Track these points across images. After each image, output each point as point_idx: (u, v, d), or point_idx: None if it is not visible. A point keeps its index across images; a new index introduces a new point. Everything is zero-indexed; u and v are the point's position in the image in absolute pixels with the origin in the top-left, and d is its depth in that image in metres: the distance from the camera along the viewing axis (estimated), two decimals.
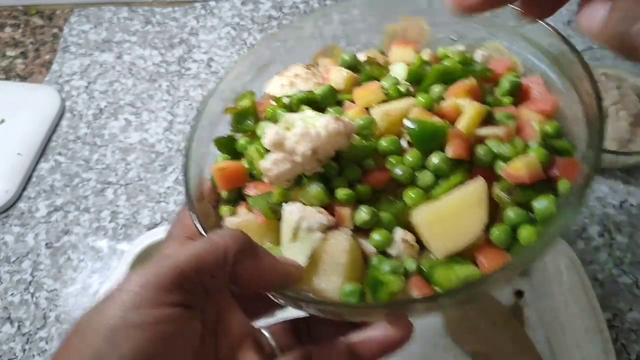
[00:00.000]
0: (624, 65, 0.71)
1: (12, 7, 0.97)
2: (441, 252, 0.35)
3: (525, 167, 0.36)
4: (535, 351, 0.55)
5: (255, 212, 0.39)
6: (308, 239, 0.37)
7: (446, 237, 0.35)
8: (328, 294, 0.35)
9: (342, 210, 0.38)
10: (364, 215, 0.37)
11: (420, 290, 0.34)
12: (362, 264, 0.37)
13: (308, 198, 0.38)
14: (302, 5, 0.89)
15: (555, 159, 0.37)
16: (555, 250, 0.57)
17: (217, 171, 0.42)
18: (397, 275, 0.35)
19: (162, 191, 0.72)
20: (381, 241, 0.36)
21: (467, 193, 0.36)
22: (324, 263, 0.36)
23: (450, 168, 0.38)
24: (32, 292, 0.65)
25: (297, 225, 0.37)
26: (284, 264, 0.35)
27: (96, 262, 0.67)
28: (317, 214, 0.37)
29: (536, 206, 0.35)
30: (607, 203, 0.66)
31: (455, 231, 0.35)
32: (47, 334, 0.62)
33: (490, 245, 0.36)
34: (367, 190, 0.38)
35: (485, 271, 0.34)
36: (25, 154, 0.75)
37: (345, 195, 0.37)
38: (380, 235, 0.37)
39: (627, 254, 0.62)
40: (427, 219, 0.36)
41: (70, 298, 0.64)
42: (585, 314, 0.53)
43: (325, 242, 0.36)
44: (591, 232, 0.64)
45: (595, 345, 0.51)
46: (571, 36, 0.81)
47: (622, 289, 0.60)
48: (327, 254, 0.36)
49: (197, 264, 0.30)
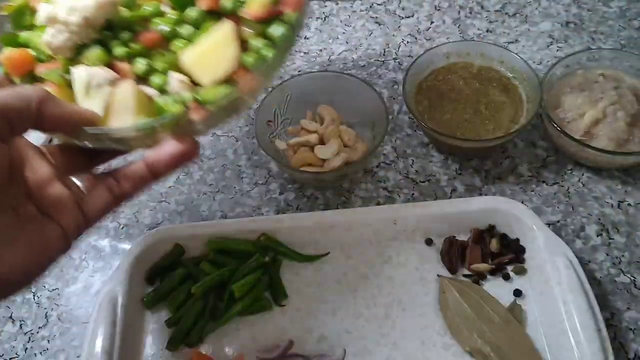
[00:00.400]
0: (622, 66, 0.71)
1: None
2: (208, 81, 0.45)
3: (260, 6, 0.47)
4: (534, 350, 0.55)
5: (49, 84, 0.46)
6: (99, 94, 0.45)
7: (210, 69, 0.45)
8: None
9: (122, 65, 0.46)
10: (140, 65, 0.46)
11: (196, 112, 0.43)
12: (148, 104, 0.46)
13: (91, 60, 0.46)
14: None
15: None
16: (553, 249, 0.57)
17: (5, 60, 0.48)
18: (177, 103, 0.44)
19: (164, 191, 0.72)
20: (160, 83, 0.46)
21: (219, 33, 0.46)
22: (116, 109, 0.45)
23: (204, 18, 0.48)
24: (33, 291, 0.65)
25: (88, 85, 0.45)
26: (83, 109, 0.43)
27: (98, 261, 0.67)
28: (102, 71, 0.45)
29: (274, 32, 0.47)
30: (605, 203, 0.66)
31: (215, 63, 0.46)
32: (48, 332, 0.62)
33: (244, 69, 0.46)
34: (140, 48, 0.47)
35: (244, 87, 0.45)
36: None
37: (122, 52, 0.46)
38: (159, 78, 0.46)
39: (625, 254, 0.62)
40: (192, 59, 0.46)
41: (72, 297, 0.65)
42: (584, 313, 0.53)
43: (113, 93, 0.45)
44: (589, 231, 0.64)
45: (594, 344, 0.52)
46: (569, 37, 0.82)
47: (620, 288, 0.60)
48: (117, 101, 0.45)
49: (3, 104, 0.37)
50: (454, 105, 0.71)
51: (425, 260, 0.62)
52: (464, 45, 0.74)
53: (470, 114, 0.70)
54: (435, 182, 0.70)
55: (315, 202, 0.69)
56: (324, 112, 0.71)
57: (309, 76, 0.73)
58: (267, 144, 0.68)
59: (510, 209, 0.61)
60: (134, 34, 0.48)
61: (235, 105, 0.46)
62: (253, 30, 0.48)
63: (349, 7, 0.89)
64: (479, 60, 0.74)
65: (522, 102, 0.70)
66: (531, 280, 0.60)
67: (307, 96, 0.72)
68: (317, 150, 0.68)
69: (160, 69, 0.47)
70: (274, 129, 0.71)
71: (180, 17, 0.48)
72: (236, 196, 0.71)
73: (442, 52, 0.74)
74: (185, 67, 0.46)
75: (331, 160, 0.67)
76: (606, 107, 0.67)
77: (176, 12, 0.48)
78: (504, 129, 0.68)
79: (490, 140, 0.66)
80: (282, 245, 0.63)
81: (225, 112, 0.46)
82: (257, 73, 0.46)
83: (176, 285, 0.61)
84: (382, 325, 0.59)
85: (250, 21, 0.48)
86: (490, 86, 0.72)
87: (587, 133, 0.66)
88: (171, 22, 0.48)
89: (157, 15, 0.48)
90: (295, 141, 0.70)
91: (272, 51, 0.46)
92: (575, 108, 0.68)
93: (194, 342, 0.58)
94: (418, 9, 0.88)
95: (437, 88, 0.72)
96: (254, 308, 0.60)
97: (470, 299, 0.58)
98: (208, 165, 0.74)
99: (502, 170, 0.70)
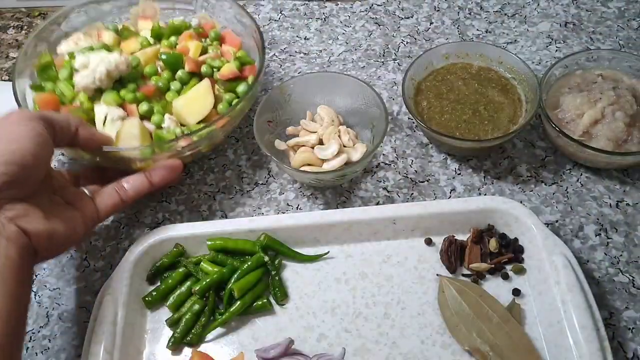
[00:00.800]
0: (620, 67, 0.72)
1: (15, 9, 0.98)
2: (192, 120, 0.67)
3: (229, 71, 0.70)
4: (533, 349, 0.55)
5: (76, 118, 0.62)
6: (113, 125, 0.66)
7: (193, 113, 0.68)
8: None
9: (130, 107, 0.67)
10: (144, 107, 0.67)
11: (184, 140, 0.64)
12: (148, 135, 0.66)
13: (108, 101, 0.67)
14: (303, 8, 0.90)
15: (245, 67, 0.72)
16: (552, 249, 0.58)
17: (39, 101, 0.68)
18: (170, 134, 0.66)
19: (164, 191, 0.72)
20: (158, 121, 0.67)
21: (200, 88, 0.69)
22: (125, 137, 0.64)
23: (189, 78, 0.71)
24: (35, 291, 0.65)
25: (105, 118, 0.66)
26: (104, 134, 0.64)
27: (98, 261, 0.67)
28: (116, 109, 0.67)
29: (239, 89, 0.71)
30: (603, 202, 0.66)
31: (197, 109, 0.68)
32: (49, 332, 0.62)
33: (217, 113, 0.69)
34: (143, 96, 0.68)
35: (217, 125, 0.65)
36: None
37: (131, 97, 0.67)
38: (157, 117, 0.67)
39: (623, 253, 0.63)
40: (181, 105, 0.68)
41: (73, 296, 0.65)
42: (582, 313, 0.53)
43: (123, 125, 0.65)
44: (588, 231, 0.64)
45: (592, 344, 0.52)
46: (568, 37, 0.82)
47: (618, 288, 0.60)
48: (126, 132, 0.65)
49: (52, 117, 0.56)
50: (453, 105, 0.71)
51: (425, 259, 0.63)
52: (463, 45, 0.75)
53: (469, 114, 0.70)
54: (435, 182, 0.70)
55: (315, 202, 0.70)
56: (323, 113, 0.72)
57: (309, 76, 0.74)
58: (267, 144, 0.68)
59: (509, 208, 0.61)
60: (138, 86, 0.69)
61: (211, 137, 0.67)
62: (224, 87, 0.71)
63: (349, 8, 0.90)
64: (478, 61, 0.74)
65: (521, 102, 0.71)
66: (530, 280, 0.60)
67: (306, 96, 0.72)
68: (316, 151, 0.68)
69: (158, 111, 0.67)
70: (273, 129, 0.71)
71: (171, 76, 0.71)
72: (236, 196, 0.71)
73: (441, 52, 0.74)
74: (176, 110, 0.68)
75: (331, 160, 0.67)
76: (605, 107, 0.67)
77: (168, 72, 0.71)
78: (503, 130, 0.68)
79: (489, 140, 0.67)
80: (282, 245, 0.63)
81: (203, 141, 0.66)
82: (227, 116, 0.66)
83: (176, 284, 0.62)
84: (381, 324, 0.59)
85: (222, 81, 0.70)
86: (489, 87, 0.72)
87: (586, 133, 0.67)
88: (165, 79, 0.70)
89: (154, 74, 0.71)
90: (294, 141, 0.70)
91: (238, 101, 0.67)
92: (574, 108, 0.68)
93: (194, 341, 0.59)
94: (417, 10, 0.88)
95: (436, 89, 0.73)
96: (254, 307, 0.60)
97: (470, 298, 0.58)
98: (208, 165, 0.74)
99: (501, 170, 0.70)
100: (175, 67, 0.70)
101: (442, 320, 0.59)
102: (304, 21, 0.89)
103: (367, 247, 0.64)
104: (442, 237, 0.63)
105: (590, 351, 0.51)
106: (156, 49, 0.73)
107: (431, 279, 0.61)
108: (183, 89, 0.70)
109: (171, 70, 0.70)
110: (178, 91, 0.69)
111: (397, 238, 0.64)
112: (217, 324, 0.59)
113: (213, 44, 0.75)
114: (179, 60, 0.70)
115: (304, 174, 0.67)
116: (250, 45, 0.74)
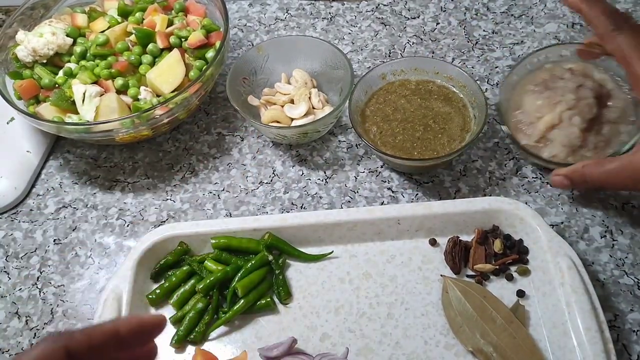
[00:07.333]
0: (592, 61, 0.69)
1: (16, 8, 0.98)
2: (167, 90, 0.71)
3: (196, 39, 0.74)
4: (537, 350, 0.55)
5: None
6: (92, 102, 0.69)
7: (167, 82, 0.71)
8: None
9: (106, 83, 0.71)
10: (120, 82, 0.71)
11: (161, 109, 0.67)
12: (127, 108, 0.70)
13: (83, 79, 0.71)
14: (309, 7, 0.90)
15: (211, 34, 0.75)
16: (557, 250, 0.57)
17: (18, 87, 0.72)
18: (147, 104, 0.69)
19: (169, 189, 0.73)
20: (134, 93, 0.71)
21: (170, 58, 0.73)
22: (104, 112, 0.69)
23: (159, 50, 0.74)
24: (39, 288, 0.66)
25: (83, 96, 0.69)
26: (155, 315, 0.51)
27: (103, 259, 0.67)
28: (92, 87, 0.70)
29: (207, 55, 0.74)
30: (609, 204, 0.66)
31: (170, 79, 0.72)
32: (54, 328, 0.63)
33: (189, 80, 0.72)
34: (117, 72, 0.72)
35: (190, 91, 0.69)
36: (34, 151, 0.76)
37: (105, 73, 0.71)
38: (133, 90, 0.71)
39: (628, 255, 0.62)
40: (154, 76, 0.71)
41: (77, 294, 0.65)
42: (587, 315, 0.53)
43: (102, 101, 0.69)
44: (593, 233, 0.64)
45: (596, 346, 0.52)
46: (575, 38, 0.82)
47: (623, 290, 0.60)
48: (105, 106, 0.69)
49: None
50: (402, 125, 0.69)
51: (429, 260, 0.63)
52: (396, 63, 0.72)
53: (421, 131, 0.68)
54: (439, 182, 0.70)
55: (320, 201, 0.70)
56: (298, 75, 0.76)
57: (285, 39, 0.79)
58: (239, 99, 0.73)
59: (514, 209, 0.61)
60: (111, 63, 0.73)
61: (186, 104, 0.70)
62: (193, 55, 0.74)
63: (355, 8, 0.90)
64: (414, 75, 0.73)
65: (467, 108, 0.70)
66: (534, 281, 0.60)
67: (284, 58, 0.77)
68: (286, 109, 0.72)
69: (133, 84, 0.72)
70: (248, 87, 0.76)
71: (142, 50, 0.74)
72: (241, 195, 0.71)
73: (377, 74, 0.72)
74: (150, 82, 0.72)
75: (298, 120, 0.72)
76: (563, 112, 0.65)
77: (139, 47, 0.74)
78: (458, 139, 0.67)
79: (448, 155, 0.65)
80: (286, 244, 0.63)
81: (179, 108, 0.69)
82: (198, 82, 0.69)
83: (180, 282, 0.62)
84: (385, 324, 0.59)
85: (190, 49, 0.74)
86: (432, 99, 0.71)
87: (543, 138, 0.66)
88: (137, 53, 0.74)
89: (126, 50, 0.75)
90: (266, 98, 0.75)
91: (207, 67, 0.69)
92: (533, 111, 0.67)
93: (198, 339, 0.59)
94: (424, 10, 0.88)
95: (381, 111, 0.71)
96: (257, 306, 0.60)
97: (473, 299, 0.58)
98: (213, 164, 0.74)
99: (506, 172, 0.70)
100: (146, 42, 0.74)
101: (445, 320, 0.58)
102: (310, 21, 0.89)
103: (371, 247, 0.64)
104: (447, 237, 0.63)
105: (594, 353, 0.51)
106: (124, 26, 0.77)
107: (435, 280, 0.61)
108: (155, 61, 0.74)
109: (142, 45, 0.74)
110: (150, 64, 0.73)
111: (401, 238, 0.64)
112: (221, 323, 0.60)
113: (178, 15, 0.79)
114: (150, 34, 0.74)
115: (268, 129, 0.70)
116: (214, 13, 0.78)
